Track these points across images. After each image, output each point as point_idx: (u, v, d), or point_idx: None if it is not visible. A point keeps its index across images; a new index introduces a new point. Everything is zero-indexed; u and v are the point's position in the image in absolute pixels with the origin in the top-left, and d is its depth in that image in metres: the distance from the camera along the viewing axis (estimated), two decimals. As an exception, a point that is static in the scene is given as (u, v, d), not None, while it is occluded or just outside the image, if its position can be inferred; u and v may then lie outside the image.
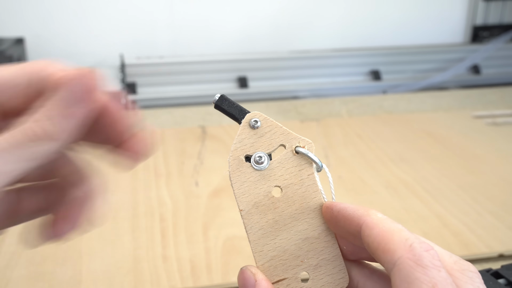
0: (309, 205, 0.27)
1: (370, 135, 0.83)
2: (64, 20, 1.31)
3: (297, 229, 0.27)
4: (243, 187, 0.27)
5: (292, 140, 0.28)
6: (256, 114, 0.28)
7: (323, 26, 1.45)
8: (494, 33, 1.50)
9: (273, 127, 0.28)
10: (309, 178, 0.28)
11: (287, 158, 0.28)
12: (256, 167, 0.27)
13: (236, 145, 0.28)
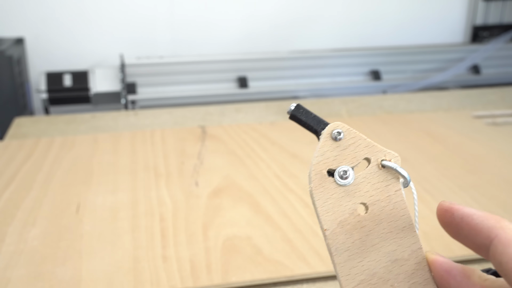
0: (398, 224, 0.25)
1: (370, 135, 0.83)
2: (64, 20, 1.31)
3: (386, 250, 0.25)
4: (326, 205, 0.25)
5: (377, 153, 0.26)
6: (338, 125, 0.26)
7: (323, 26, 1.45)
8: (494, 33, 1.50)
9: (357, 139, 0.26)
10: (396, 194, 0.25)
11: (373, 173, 0.26)
12: (341, 182, 0.25)
13: (318, 159, 0.26)
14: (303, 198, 0.63)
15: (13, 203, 0.62)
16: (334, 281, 0.50)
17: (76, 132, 0.87)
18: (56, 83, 1.22)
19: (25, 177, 0.69)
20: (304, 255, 0.52)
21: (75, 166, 0.72)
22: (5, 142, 0.81)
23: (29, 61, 1.30)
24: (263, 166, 0.71)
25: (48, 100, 1.22)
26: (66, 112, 1.21)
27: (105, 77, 1.26)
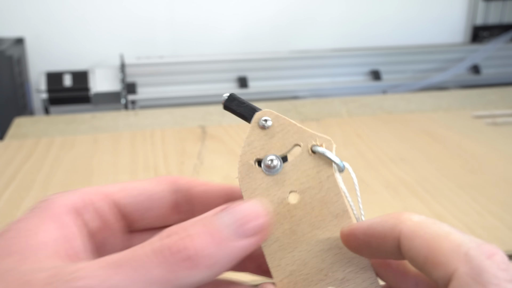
0: (330, 210, 0.24)
1: (370, 135, 0.83)
2: (64, 20, 1.31)
3: (318, 238, 0.24)
4: (254, 195, 0.24)
5: (307, 138, 0.24)
6: (265, 112, 0.25)
7: (323, 26, 1.45)
8: (494, 33, 1.50)
9: (285, 126, 0.24)
10: (329, 180, 0.24)
11: (303, 159, 0.24)
12: (267, 171, 0.24)
13: (245, 149, 0.25)
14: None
15: (13, 203, 0.62)
16: (334, 281, 0.50)
17: (76, 132, 0.87)
18: (56, 83, 1.22)
19: (25, 177, 0.69)
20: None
21: (75, 166, 0.72)
22: (5, 142, 0.81)
23: (29, 61, 1.30)
24: (263, 166, 0.71)
25: (48, 100, 1.22)
26: (66, 112, 1.21)
27: (105, 77, 1.26)
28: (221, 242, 0.20)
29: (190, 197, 0.26)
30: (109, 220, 0.24)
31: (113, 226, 0.24)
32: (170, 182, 0.26)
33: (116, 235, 0.24)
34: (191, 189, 0.26)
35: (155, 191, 0.25)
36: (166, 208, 0.25)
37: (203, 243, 0.19)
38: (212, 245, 0.20)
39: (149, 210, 0.25)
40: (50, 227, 0.21)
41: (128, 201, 0.24)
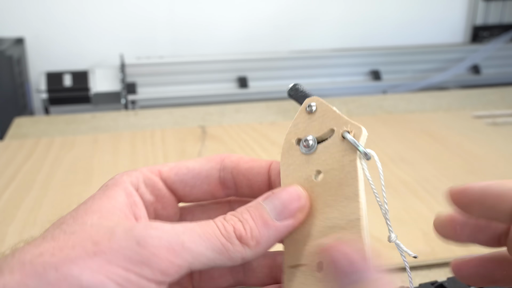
0: (344, 192, 0.25)
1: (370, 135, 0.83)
2: (64, 20, 1.31)
3: (327, 216, 0.25)
4: (288, 170, 0.27)
5: (341, 124, 0.26)
6: (312, 99, 0.28)
7: (323, 26, 1.45)
8: (494, 33, 1.50)
9: (326, 111, 0.27)
10: (350, 164, 0.26)
11: (334, 143, 0.26)
12: (303, 150, 0.27)
13: (290, 129, 0.28)
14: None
15: (13, 203, 0.62)
16: (334, 281, 0.50)
17: (76, 132, 0.87)
18: (56, 83, 1.22)
19: (25, 177, 0.69)
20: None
21: (75, 166, 0.72)
22: (5, 142, 0.81)
23: (29, 61, 1.30)
24: (263, 166, 0.71)
25: (48, 100, 1.22)
26: (66, 112, 1.21)
27: (105, 77, 1.26)
28: (267, 223, 0.24)
29: (235, 174, 0.28)
30: (161, 194, 0.28)
31: (164, 199, 0.28)
32: (218, 160, 0.29)
33: (168, 207, 0.28)
34: (237, 166, 0.28)
35: (203, 169, 0.28)
36: (213, 184, 0.28)
37: (253, 225, 0.24)
38: (260, 226, 0.24)
39: (196, 187, 0.28)
40: (120, 194, 0.25)
41: (176, 179, 0.28)
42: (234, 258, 0.23)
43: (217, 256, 0.23)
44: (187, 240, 0.22)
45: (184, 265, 0.22)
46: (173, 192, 0.28)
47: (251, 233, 0.24)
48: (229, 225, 0.24)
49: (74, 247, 0.22)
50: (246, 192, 0.29)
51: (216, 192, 0.29)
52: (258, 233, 0.24)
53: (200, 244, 0.23)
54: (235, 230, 0.24)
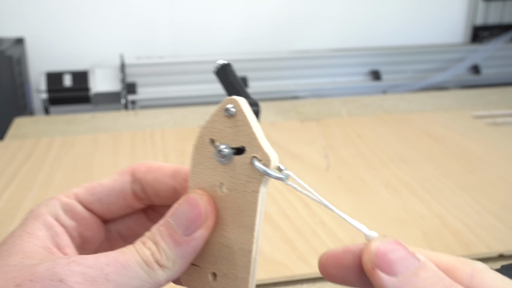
0: (242, 220, 0.25)
1: (370, 135, 0.83)
2: (64, 20, 1.31)
3: (223, 233, 0.26)
4: (197, 167, 0.26)
5: (254, 147, 0.24)
6: (233, 101, 0.25)
7: (323, 26, 1.45)
8: (494, 33, 1.50)
9: (243, 123, 0.25)
10: (252, 194, 0.25)
11: (243, 163, 0.25)
12: (218, 158, 0.25)
13: (207, 124, 0.26)
14: (303, 198, 0.63)
15: (13, 203, 0.62)
16: (334, 281, 0.50)
17: (76, 132, 0.87)
18: (56, 83, 1.22)
19: (25, 177, 0.69)
20: (304, 255, 0.52)
21: (75, 166, 0.72)
22: (5, 142, 0.81)
23: (29, 61, 1.30)
24: (263, 166, 0.71)
25: (48, 100, 1.22)
26: (66, 112, 1.21)
27: (105, 77, 1.26)
28: (178, 242, 0.24)
29: (144, 185, 0.28)
30: (82, 216, 0.28)
31: (86, 221, 0.28)
32: (130, 173, 0.28)
33: (92, 228, 0.28)
34: (144, 178, 0.28)
35: (116, 185, 0.28)
36: (129, 198, 0.28)
37: (165, 247, 0.24)
38: (172, 246, 0.24)
39: (112, 203, 0.28)
40: (39, 228, 0.25)
41: (93, 199, 0.28)
42: (157, 282, 0.24)
43: (141, 283, 0.23)
44: (111, 272, 0.22)
45: None
46: (93, 212, 0.28)
47: (166, 255, 0.24)
48: (147, 249, 0.24)
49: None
50: (157, 201, 0.29)
51: (133, 204, 0.29)
52: (172, 254, 0.24)
53: (124, 275, 0.23)
54: (153, 255, 0.24)
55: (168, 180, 0.28)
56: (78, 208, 0.28)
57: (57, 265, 0.22)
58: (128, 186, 0.28)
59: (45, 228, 0.26)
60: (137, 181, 0.28)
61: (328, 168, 0.71)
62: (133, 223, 0.30)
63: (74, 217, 0.27)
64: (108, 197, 0.28)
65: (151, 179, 0.28)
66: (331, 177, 0.68)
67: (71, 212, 0.27)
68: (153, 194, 0.28)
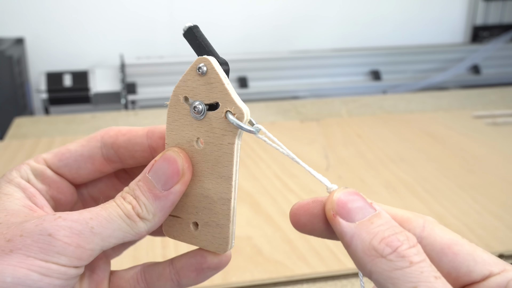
0: (219, 170, 0.27)
1: (370, 135, 0.83)
2: (64, 20, 1.31)
3: (202, 184, 0.27)
4: (173, 124, 0.27)
5: (227, 102, 0.26)
6: (204, 60, 0.27)
7: (323, 26, 1.45)
8: (494, 33, 1.50)
9: (216, 81, 0.26)
10: (228, 146, 0.26)
11: (217, 118, 0.26)
12: (193, 114, 0.27)
13: (180, 83, 0.27)
14: (303, 198, 0.63)
15: (13, 203, 0.62)
16: (334, 281, 0.50)
17: (76, 132, 0.87)
18: (56, 83, 1.22)
19: (25, 177, 0.69)
20: (304, 255, 0.52)
21: (75, 166, 0.72)
22: (5, 142, 0.81)
23: (29, 61, 1.30)
24: (263, 166, 0.71)
25: (48, 100, 1.22)
26: (66, 112, 1.21)
27: (105, 77, 1.26)
28: (157, 196, 0.26)
29: (116, 148, 0.29)
30: (52, 180, 0.29)
31: (57, 184, 0.29)
32: (98, 138, 0.30)
33: (63, 191, 0.29)
34: (116, 141, 0.29)
35: (84, 150, 0.29)
36: (98, 162, 0.30)
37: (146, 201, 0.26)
38: (152, 200, 0.26)
39: (81, 168, 0.29)
40: (15, 190, 0.27)
41: (61, 164, 0.29)
42: (139, 233, 0.26)
43: (124, 234, 0.25)
44: (95, 225, 0.24)
45: (96, 248, 0.24)
46: (62, 176, 0.29)
47: (146, 208, 0.26)
48: (127, 203, 0.25)
49: None
50: (131, 162, 0.30)
51: (103, 169, 0.30)
52: (152, 207, 0.26)
53: (108, 227, 0.25)
54: (134, 208, 0.25)
55: (143, 140, 0.29)
56: (48, 172, 0.29)
57: (45, 221, 0.24)
58: (97, 151, 0.29)
59: (20, 190, 0.27)
60: (108, 145, 0.29)
61: (328, 168, 0.71)
62: (104, 186, 0.31)
63: (45, 181, 0.28)
64: (77, 163, 0.29)
65: (123, 141, 0.29)
66: (331, 177, 0.68)
67: (41, 176, 0.28)
68: (127, 156, 0.29)
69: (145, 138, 0.29)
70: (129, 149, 0.29)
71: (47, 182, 0.29)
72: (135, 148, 0.29)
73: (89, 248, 0.24)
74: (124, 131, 0.30)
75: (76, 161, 0.29)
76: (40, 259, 0.23)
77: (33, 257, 0.23)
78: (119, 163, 0.30)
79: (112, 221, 0.25)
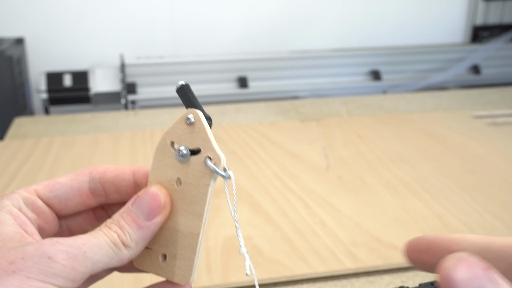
0: (193, 208, 0.30)
1: (370, 135, 0.83)
2: (64, 20, 1.31)
3: (176, 219, 0.30)
4: (158, 164, 0.31)
5: (207, 149, 0.30)
6: (193, 112, 0.31)
7: (323, 26, 1.45)
8: (494, 33, 1.50)
9: (200, 130, 0.31)
10: (203, 187, 0.30)
11: (197, 162, 0.30)
12: (178, 157, 0.30)
13: (169, 130, 0.31)
14: (303, 198, 0.63)
15: (13, 203, 0.62)
16: (334, 281, 0.50)
17: (76, 132, 0.87)
18: (56, 83, 1.22)
19: (25, 177, 0.69)
20: (304, 255, 0.52)
21: (75, 166, 0.72)
22: (5, 142, 0.81)
23: (29, 61, 1.30)
24: (263, 166, 0.71)
25: (48, 100, 1.22)
26: (66, 112, 1.21)
27: (105, 77, 1.26)
28: (140, 226, 0.29)
29: (103, 183, 0.32)
30: (41, 210, 0.31)
31: (45, 215, 0.31)
32: (87, 173, 0.32)
33: (49, 221, 0.31)
34: (104, 176, 0.32)
35: (73, 183, 0.32)
36: (85, 195, 0.32)
37: (130, 230, 0.29)
38: (135, 229, 0.29)
39: (70, 199, 0.32)
40: (8, 217, 0.29)
41: (52, 195, 0.31)
42: (122, 259, 0.28)
43: (110, 260, 0.28)
44: (87, 251, 0.27)
45: (86, 271, 0.26)
46: (50, 207, 0.32)
47: (130, 237, 0.28)
48: (113, 232, 0.28)
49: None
50: (116, 197, 0.32)
51: (88, 202, 0.32)
52: (135, 235, 0.29)
53: (97, 253, 0.27)
54: (119, 236, 0.28)
55: (129, 176, 0.32)
56: (39, 202, 0.31)
57: (44, 245, 0.26)
58: (86, 184, 0.32)
59: (12, 217, 0.29)
60: (96, 180, 0.32)
61: (328, 168, 0.71)
62: (82, 220, 0.33)
63: (35, 211, 0.31)
64: (66, 194, 0.32)
65: (111, 177, 0.32)
66: (331, 177, 0.68)
67: (32, 206, 0.30)
68: (113, 190, 0.32)
69: (131, 175, 0.32)
70: (116, 184, 0.32)
71: (36, 211, 0.31)
72: (121, 184, 0.32)
73: (81, 271, 0.26)
74: (111, 168, 0.32)
75: (66, 192, 0.31)
76: (40, 280, 0.25)
77: (33, 278, 0.25)
78: (104, 197, 0.32)
79: (101, 247, 0.27)
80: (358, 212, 0.60)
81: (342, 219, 0.58)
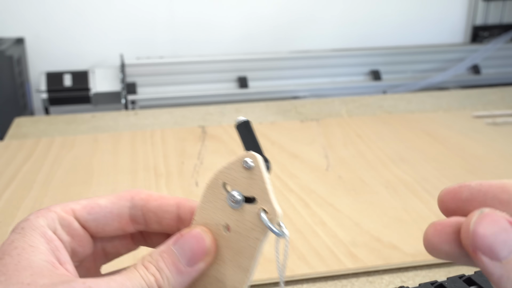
0: (240, 260, 0.27)
1: (370, 135, 0.83)
2: (64, 20, 1.31)
3: (219, 269, 0.28)
4: (207, 204, 0.28)
5: (264, 201, 0.27)
6: (253, 157, 0.28)
7: (323, 26, 1.45)
8: (494, 33, 1.50)
9: (259, 178, 0.27)
10: (254, 240, 0.27)
11: (251, 212, 0.27)
12: (229, 202, 0.28)
13: (224, 170, 0.28)
14: (303, 198, 0.63)
15: (13, 203, 0.62)
16: (334, 281, 0.50)
17: (76, 132, 0.87)
18: (56, 83, 1.22)
19: (25, 177, 0.69)
20: (304, 255, 0.52)
21: (75, 166, 0.72)
22: (5, 142, 0.81)
23: (29, 61, 1.30)
24: (263, 166, 0.71)
25: (48, 100, 1.22)
26: (66, 112, 1.21)
27: (105, 77, 1.26)
28: (180, 271, 0.26)
29: (145, 212, 0.30)
30: (76, 233, 0.29)
31: (80, 237, 0.29)
32: (129, 198, 0.30)
33: (84, 244, 0.29)
34: (147, 204, 0.30)
35: (114, 207, 0.30)
36: (124, 221, 0.30)
37: (169, 274, 0.26)
38: (175, 274, 0.26)
39: (108, 224, 0.30)
40: (41, 241, 0.26)
41: (90, 218, 0.29)
42: None
43: None
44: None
45: None
46: (87, 230, 0.29)
47: (168, 282, 0.26)
48: (151, 275, 0.26)
49: None
50: (155, 227, 0.30)
51: (127, 228, 0.30)
52: (174, 281, 0.26)
53: None
54: (156, 281, 0.26)
55: (173, 209, 0.30)
56: (75, 225, 0.29)
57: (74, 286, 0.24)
58: (126, 210, 0.30)
59: (45, 241, 0.27)
60: (137, 207, 0.30)
61: (328, 168, 0.71)
62: (118, 243, 0.31)
63: (70, 233, 0.28)
64: (105, 219, 0.29)
65: (154, 206, 0.30)
66: (331, 177, 0.68)
67: (67, 228, 0.28)
68: (154, 221, 0.30)
69: (175, 207, 0.30)
70: (158, 215, 0.30)
71: (71, 234, 0.29)
72: (164, 215, 0.30)
73: None
74: (155, 196, 0.30)
75: (105, 217, 0.29)
76: None
77: None
78: (144, 225, 0.30)
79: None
80: (358, 212, 0.60)
81: (342, 219, 0.58)
